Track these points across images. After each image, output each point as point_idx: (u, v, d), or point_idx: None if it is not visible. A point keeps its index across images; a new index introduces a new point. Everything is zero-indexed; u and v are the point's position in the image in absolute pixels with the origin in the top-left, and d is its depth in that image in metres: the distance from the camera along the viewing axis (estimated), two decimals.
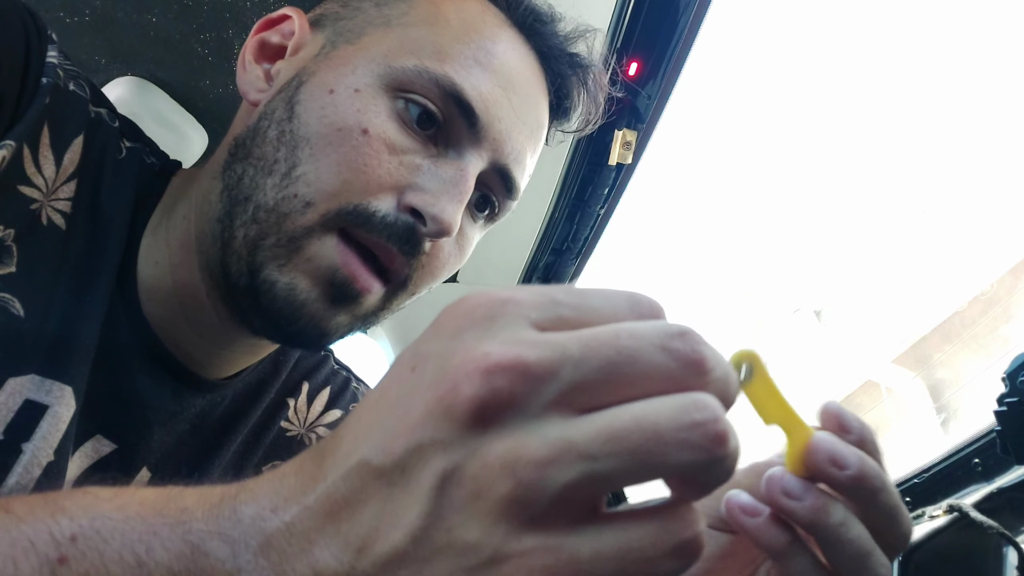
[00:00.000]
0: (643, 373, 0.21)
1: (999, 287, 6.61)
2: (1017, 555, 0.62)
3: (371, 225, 0.43)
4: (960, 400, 6.86)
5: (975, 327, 6.73)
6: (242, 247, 0.43)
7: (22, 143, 0.41)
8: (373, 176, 0.43)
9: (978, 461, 0.77)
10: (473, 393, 0.20)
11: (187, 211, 0.48)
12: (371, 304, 0.46)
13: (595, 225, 1.18)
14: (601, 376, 0.21)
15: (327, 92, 0.44)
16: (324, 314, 0.44)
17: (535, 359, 0.20)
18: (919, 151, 11.35)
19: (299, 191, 0.42)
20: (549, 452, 0.20)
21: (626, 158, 1.01)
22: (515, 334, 0.21)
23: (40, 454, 0.42)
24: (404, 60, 0.45)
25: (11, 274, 0.40)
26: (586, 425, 0.20)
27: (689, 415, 0.21)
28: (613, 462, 0.20)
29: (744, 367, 0.28)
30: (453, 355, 0.21)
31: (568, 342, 0.21)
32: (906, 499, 0.85)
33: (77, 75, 0.46)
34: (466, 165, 0.45)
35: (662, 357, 0.21)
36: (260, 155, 0.44)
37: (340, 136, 0.42)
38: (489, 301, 0.22)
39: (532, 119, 0.50)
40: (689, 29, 0.86)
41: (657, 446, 0.20)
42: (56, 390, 0.42)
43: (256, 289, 0.43)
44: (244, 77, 0.49)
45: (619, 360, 0.21)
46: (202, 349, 0.50)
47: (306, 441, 0.62)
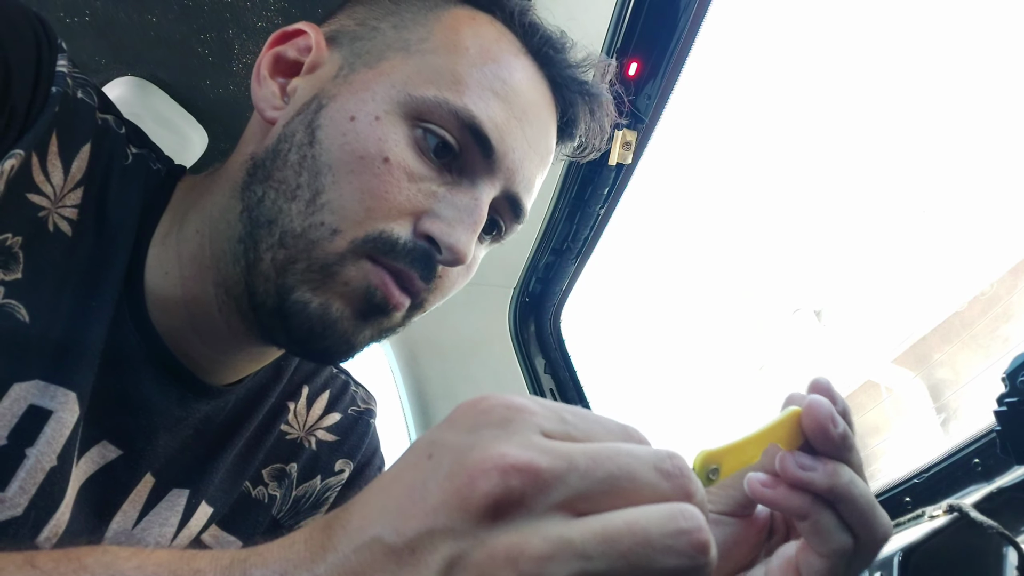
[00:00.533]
0: (638, 488, 0.24)
1: (999, 287, 6.61)
2: (1017, 555, 0.62)
3: (395, 252, 0.45)
4: (960, 400, 6.86)
5: (975, 327, 6.73)
6: (270, 270, 0.44)
7: (31, 151, 0.41)
8: (394, 203, 0.44)
9: (978, 461, 0.77)
10: (489, 489, 0.22)
11: (200, 225, 0.48)
12: (396, 320, 0.48)
13: (595, 225, 1.18)
14: (603, 487, 0.24)
15: (348, 119, 0.45)
16: (354, 330, 0.46)
17: (547, 465, 0.23)
18: (919, 151, 11.34)
19: (325, 219, 0.44)
20: (549, 549, 0.22)
21: (626, 158, 1.01)
22: (529, 439, 0.24)
23: (44, 459, 0.42)
24: (423, 90, 0.46)
25: (17, 280, 0.41)
26: (583, 526, 0.23)
27: (676, 523, 0.23)
28: (606, 562, 0.22)
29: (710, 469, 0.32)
30: (472, 450, 0.23)
31: (576, 453, 0.24)
32: (906, 499, 0.85)
33: (85, 83, 0.46)
34: (480, 194, 0.47)
35: (655, 476, 0.24)
36: (281, 178, 0.45)
37: (362, 164, 0.44)
38: (505, 405, 0.25)
39: (543, 147, 0.52)
40: (689, 29, 0.86)
41: (646, 549, 0.23)
42: (60, 395, 0.42)
43: (286, 311, 0.44)
44: (259, 92, 0.50)
45: (619, 475, 0.24)
46: (208, 357, 0.50)
47: (305, 444, 0.63)
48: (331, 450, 0.64)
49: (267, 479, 0.60)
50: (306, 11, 0.85)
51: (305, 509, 0.62)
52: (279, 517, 0.61)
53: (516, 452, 0.23)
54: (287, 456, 0.61)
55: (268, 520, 0.60)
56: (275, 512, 0.60)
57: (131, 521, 0.50)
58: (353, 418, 0.67)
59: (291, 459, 0.61)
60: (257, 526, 0.59)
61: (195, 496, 0.53)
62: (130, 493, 0.49)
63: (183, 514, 0.53)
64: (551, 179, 1.09)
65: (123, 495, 0.49)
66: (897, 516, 0.83)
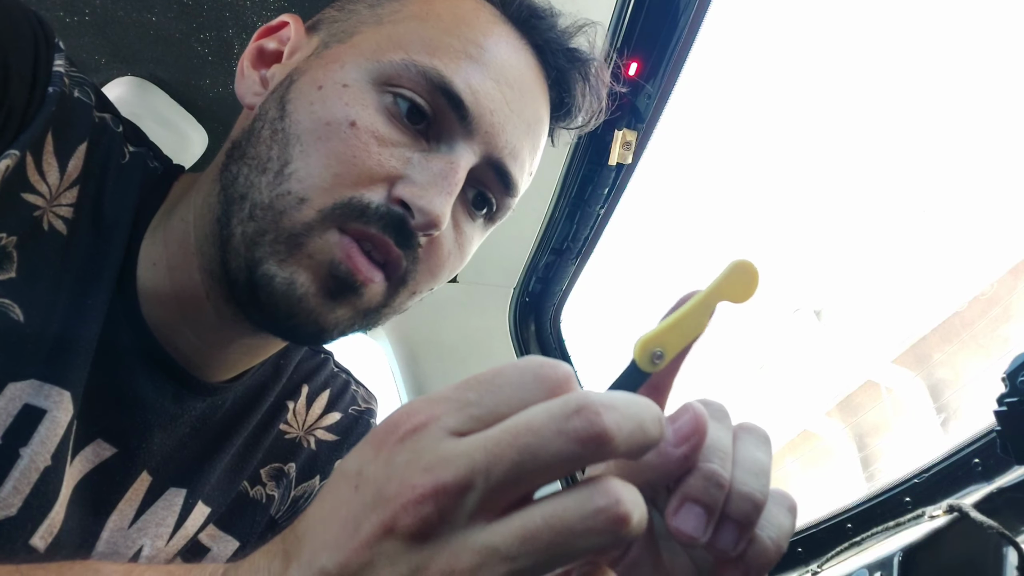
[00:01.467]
0: (547, 464, 0.23)
1: (999, 287, 6.61)
2: (1017, 555, 0.62)
3: (367, 217, 0.43)
4: (960, 400, 6.86)
5: (975, 327, 6.73)
6: (240, 244, 0.43)
7: (26, 151, 0.41)
8: (363, 168, 0.43)
9: (978, 461, 0.77)
10: (410, 522, 0.23)
11: (185, 213, 0.48)
12: (373, 298, 0.46)
13: (595, 225, 1.18)
14: (510, 478, 0.23)
15: (316, 88, 0.44)
16: (322, 309, 0.44)
17: (452, 479, 0.23)
18: (919, 151, 11.33)
19: (292, 188, 0.42)
20: (478, 559, 0.23)
21: (626, 158, 1.01)
22: (435, 452, 0.24)
23: (38, 459, 0.42)
24: (392, 55, 0.45)
25: (11, 280, 0.41)
26: (504, 530, 0.23)
27: (593, 503, 0.23)
28: (532, 559, 0.23)
29: (655, 359, 0.30)
30: (388, 482, 0.24)
31: (476, 452, 0.24)
32: (906, 499, 0.85)
33: (83, 81, 0.46)
34: (456, 158, 0.45)
35: (561, 443, 0.23)
36: (255, 155, 0.44)
37: (329, 130, 0.43)
38: (409, 419, 0.25)
39: (529, 114, 0.49)
40: (689, 29, 0.86)
41: (567, 539, 0.23)
42: (55, 395, 0.42)
43: (255, 283, 0.43)
44: (242, 83, 0.50)
45: (522, 460, 0.23)
46: (201, 351, 0.50)
47: (304, 444, 0.62)
48: (331, 450, 0.64)
49: (265, 479, 0.59)
50: (305, 10, 0.85)
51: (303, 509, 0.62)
52: (277, 517, 0.60)
53: (421, 479, 0.23)
54: (286, 456, 0.61)
55: (266, 520, 0.59)
56: (273, 512, 0.60)
57: (127, 520, 0.49)
58: (354, 417, 0.66)
59: (290, 459, 0.61)
60: (255, 526, 0.58)
61: (192, 496, 0.53)
62: (126, 491, 0.49)
63: (180, 514, 0.52)
64: (551, 179, 1.09)
65: (119, 494, 0.49)
66: (897, 516, 0.83)
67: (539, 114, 0.51)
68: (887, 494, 0.87)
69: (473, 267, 1.31)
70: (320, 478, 0.63)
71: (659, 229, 21.19)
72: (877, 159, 13.83)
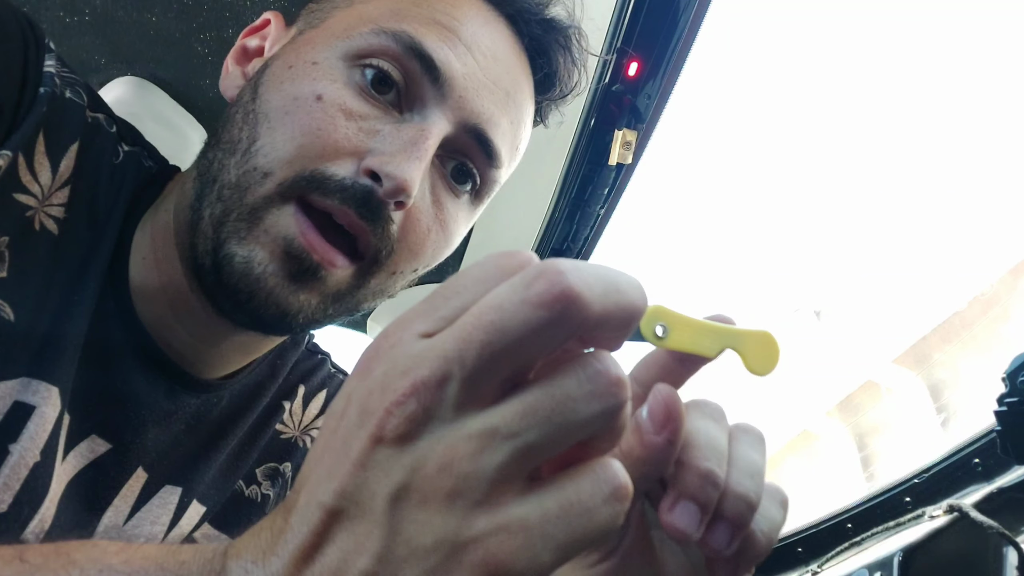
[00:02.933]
0: (517, 338, 0.22)
1: (999, 287, 6.61)
2: (1017, 555, 0.62)
3: (326, 188, 0.42)
4: (960, 400, 6.86)
5: (975, 327, 6.72)
6: (208, 226, 0.43)
7: (17, 152, 0.41)
8: (329, 140, 0.42)
9: (978, 461, 0.77)
10: (395, 424, 0.22)
11: (168, 205, 0.48)
12: (339, 282, 0.44)
13: (595, 225, 1.18)
14: (484, 359, 0.22)
15: (287, 68, 0.45)
16: (282, 291, 0.42)
17: (428, 373, 0.22)
18: (919, 151, 11.34)
19: (258, 163, 0.42)
20: (477, 443, 0.22)
21: (626, 158, 1.01)
22: (409, 355, 0.23)
23: (27, 455, 0.42)
24: (361, 28, 0.45)
25: (2, 279, 0.41)
26: (503, 409, 0.23)
27: (591, 367, 0.23)
28: (535, 432, 0.22)
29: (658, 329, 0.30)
30: (369, 395, 0.23)
31: (445, 343, 0.23)
32: (906, 499, 0.85)
33: (74, 82, 0.46)
34: (428, 125, 0.44)
35: (526, 312, 0.22)
36: (228, 138, 0.45)
37: (295, 104, 0.42)
38: (385, 337, 0.24)
39: (507, 83, 0.48)
40: (689, 29, 0.86)
41: (568, 406, 0.22)
42: (43, 391, 0.42)
43: (218, 265, 0.42)
44: (225, 79, 0.51)
45: (490, 338, 0.22)
46: (193, 347, 0.50)
47: (299, 444, 0.62)
48: None
49: (260, 478, 0.59)
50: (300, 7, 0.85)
51: None
52: None
53: (399, 380, 0.22)
54: (281, 455, 0.61)
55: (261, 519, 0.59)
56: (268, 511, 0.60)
57: (122, 517, 0.49)
58: None
59: (285, 458, 0.61)
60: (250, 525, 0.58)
61: (187, 494, 0.53)
62: (121, 488, 0.49)
63: (175, 512, 0.52)
64: (551, 179, 1.09)
65: (114, 490, 0.49)
66: (897, 516, 0.83)
67: (518, 84, 0.50)
68: (887, 494, 0.87)
69: None
70: None
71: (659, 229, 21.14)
72: (877, 159, 13.84)
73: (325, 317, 0.46)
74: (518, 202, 1.13)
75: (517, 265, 0.24)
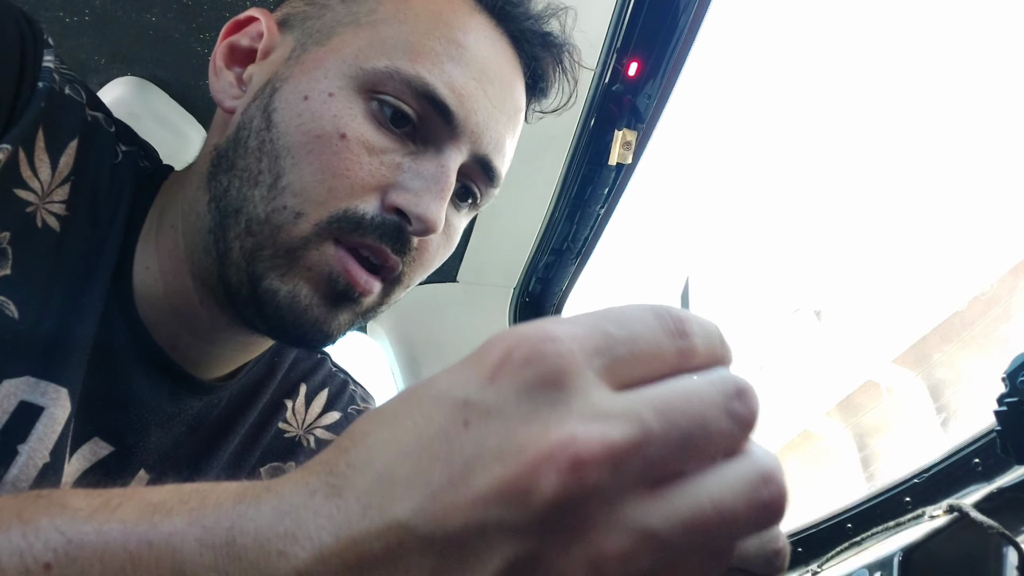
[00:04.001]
0: (711, 441, 0.20)
1: (999, 287, 6.61)
2: (1017, 555, 0.62)
3: (363, 229, 0.44)
4: (960, 400, 6.86)
5: (975, 327, 6.73)
6: (240, 259, 0.44)
7: (17, 146, 0.41)
8: (356, 179, 0.44)
9: (978, 461, 0.77)
10: (557, 486, 0.18)
11: (174, 220, 0.48)
12: (371, 302, 0.48)
13: (595, 225, 1.18)
14: (679, 450, 0.20)
15: (302, 99, 0.45)
16: (326, 317, 0.45)
17: (622, 439, 0.19)
18: (919, 151, 11.34)
19: (288, 203, 0.43)
20: (632, 544, 0.19)
21: (626, 158, 1.01)
22: (592, 403, 0.20)
23: (36, 456, 0.42)
24: (375, 61, 0.45)
25: (6, 276, 0.41)
26: (667, 513, 0.19)
27: (759, 495, 0.20)
28: (691, 548, 0.19)
29: None
30: (526, 427, 0.19)
31: (647, 414, 0.20)
32: (906, 499, 0.85)
33: (73, 79, 0.46)
34: (446, 161, 0.46)
35: (727, 423, 0.20)
36: (244, 167, 0.45)
37: (320, 143, 0.43)
38: (539, 346, 0.20)
39: (509, 106, 0.51)
40: (689, 29, 0.86)
41: (731, 528, 0.20)
42: (52, 392, 0.42)
43: (259, 299, 0.44)
44: (217, 84, 0.49)
45: (694, 432, 0.20)
46: (197, 348, 0.50)
47: (303, 442, 0.63)
48: None
49: (265, 477, 0.59)
50: None
51: None
52: None
53: (585, 434, 0.19)
54: (285, 454, 0.61)
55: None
56: None
57: None
58: (353, 417, 0.66)
59: (289, 457, 0.61)
60: None
61: None
62: None
63: None
64: (551, 179, 1.09)
65: None
66: (897, 516, 0.83)
67: (518, 103, 0.53)
68: (887, 494, 0.87)
69: (473, 267, 1.31)
70: None
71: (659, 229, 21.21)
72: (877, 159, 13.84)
73: (350, 329, 0.49)
74: (518, 202, 1.13)
75: (677, 325, 0.22)
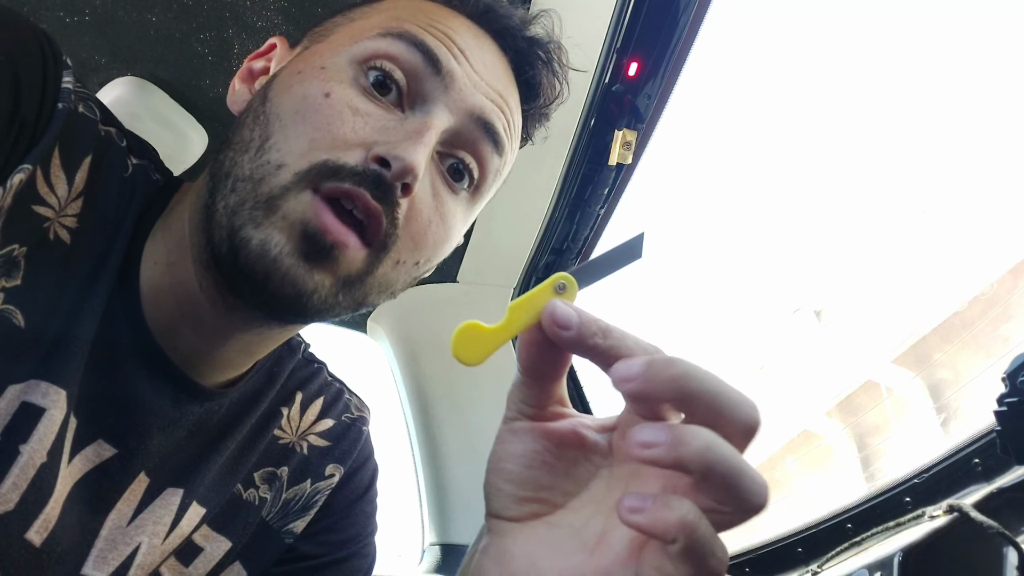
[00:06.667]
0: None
1: (999, 287, 6.61)
2: (1017, 555, 0.62)
3: (341, 175, 0.44)
4: (960, 400, 6.86)
5: (975, 327, 6.73)
6: (223, 216, 0.45)
7: (36, 165, 0.42)
8: (339, 133, 0.45)
9: (978, 461, 0.77)
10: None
11: (181, 212, 0.50)
12: (352, 264, 0.46)
13: (595, 225, 1.18)
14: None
15: (296, 73, 0.48)
16: (297, 270, 0.44)
17: None
18: (919, 151, 11.34)
19: (271, 158, 0.45)
20: None
21: (626, 158, 1.01)
22: None
23: (36, 456, 0.43)
24: (365, 34, 0.49)
25: (16, 287, 0.42)
26: None
27: None
28: None
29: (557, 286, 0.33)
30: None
31: None
32: (906, 499, 0.85)
33: (87, 96, 0.48)
34: (430, 118, 0.47)
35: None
36: (239, 139, 0.47)
37: (305, 103, 0.46)
38: None
39: (498, 85, 0.52)
40: (689, 29, 0.86)
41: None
42: (53, 393, 0.43)
43: (235, 250, 0.44)
44: (233, 97, 0.54)
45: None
46: (199, 351, 0.51)
47: (297, 448, 0.63)
48: (322, 455, 0.65)
49: (258, 482, 0.60)
50: (304, 10, 0.85)
51: (294, 511, 0.62)
52: (268, 519, 0.61)
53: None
54: (278, 460, 0.62)
55: (258, 521, 0.60)
56: (264, 514, 0.61)
57: (125, 519, 0.51)
58: (346, 425, 0.67)
59: (282, 463, 0.62)
60: (247, 527, 0.59)
61: (188, 495, 0.54)
62: (124, 491, 0.50)
63: (176, 512, 0.53)
64: (551, 179, 1.09)
65: (117, 493, 0.50)
66: (897, 516, 0.83)
67: (509, 89, 0.54)
68: (887, 494, 0.87)
69: (473, 267, 1.31)
70: (311, 482, 0.64)
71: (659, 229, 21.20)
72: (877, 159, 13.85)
73: (336, 304, 0.47)
74: (518, 202, 1.13)
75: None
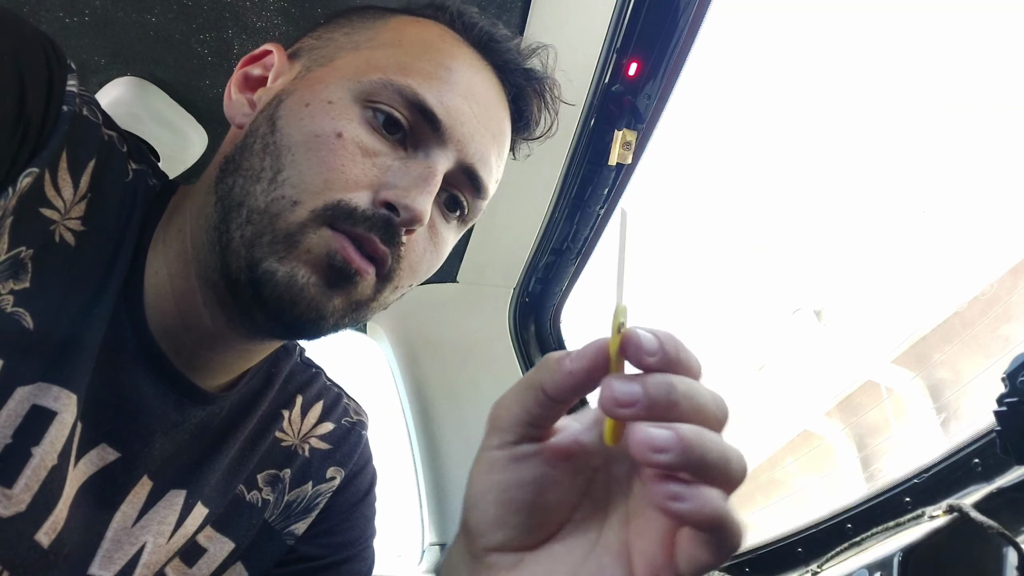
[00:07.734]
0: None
1: (999, 287, 6.61)
2: (1017, 555, 0.62)
3: (354, 219, 0.47)
4: (960, 400, 6.86)
5: (975, 327, 6.73)
6: (240, 247, 0.47)
7: (44, 169, 0.43)
8: (350, 175, 0.48)
9: (978, 461, 0.77)
10: None
11: (182, 224, 0.51)
12: (364, 290, 0.50)
13: (595, 225, 1.18)
14: None
15: (303, 106, 0.50)
16: (321, 297, 0.47)
17: None
18: (919, 151, 11.35)
19: (286, 192, 0.47)
20: None
21: (626, 158, 1.01)
22: None
23: (47, 458, 0.44)
24: (371, 75, 0.50)
25: (25, 289, 0.43)
26: None
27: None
28: None
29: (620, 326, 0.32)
30: None
31: None
32: (906, 499, 0.85)
33: (90, 101, 0.48)
34: (433, 163, 0.50)
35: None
36: (248, 167, 0.49)
37: (318, 141, 0.48)
38: None
39: (493, 126, 0.55)
40: (689, 29, 0.86)
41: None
42: (64, 397, 0.44)
43: (257, 281, 0.46)
44: (230, 106, 0.55)
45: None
46: (200, 356, 0.52)
47: (299, 451, 0.64)
48: (323, 458, 0.66)
49: (261, 484, 0.61)
50: (304, 11, 0.85)
51: (296, 513, 0.63)
52: (270, 520, 0.62)
53: None
54: (281, 462, 0.63)
55: (260, 523, 0.61)
56: (267, 515, 0.62)
57: (130, 520, 0.51)
58: (346, 428, 0.69)
59: (285, 465, 0.63)
60: (250, 528, 0.60)
61: (191, 497, 0.55)
62: (128, 494, 0.51)
63: (180, 513, 0.54)
64: (551, 179, 1.09)
65: (121, 496, 0.51)
66: (897, 516, 0.83)
67: (502, 126, 0.57)
68: (887, 494, 0.87)
69: (473, 267, 1.31)
70: (312, 484, 0.65)
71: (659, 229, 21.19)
72: (877, 159, 13.86)
73: (342, 324, 0.51)
74: (518, 202, 1.13)
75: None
